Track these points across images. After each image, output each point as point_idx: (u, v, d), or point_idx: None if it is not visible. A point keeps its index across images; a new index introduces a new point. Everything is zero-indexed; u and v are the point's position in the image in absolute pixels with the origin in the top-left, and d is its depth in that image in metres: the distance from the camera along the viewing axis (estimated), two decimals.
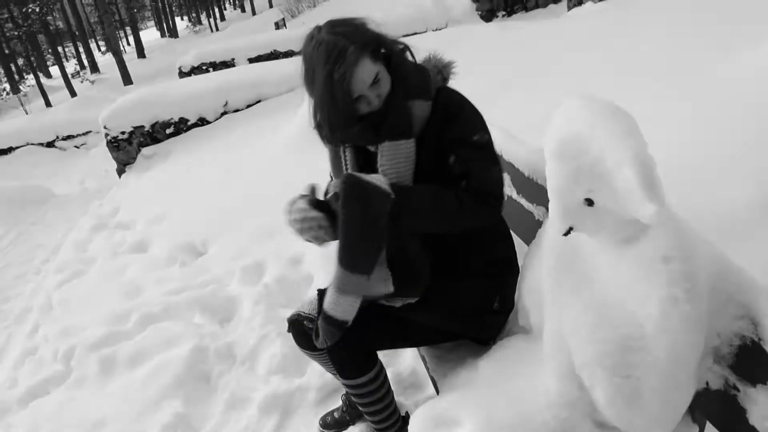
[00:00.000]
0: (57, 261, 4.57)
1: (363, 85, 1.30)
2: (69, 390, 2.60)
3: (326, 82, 1.28)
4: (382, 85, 1.34)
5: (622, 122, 0.92)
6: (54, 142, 11.44)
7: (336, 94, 1.28)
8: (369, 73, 1.30)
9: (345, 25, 1.32)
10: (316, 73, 1.30)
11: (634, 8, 5.40)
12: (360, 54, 1.28)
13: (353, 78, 1.28)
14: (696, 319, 0.96)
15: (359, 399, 1.52)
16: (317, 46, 1.30)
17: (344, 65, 1.26)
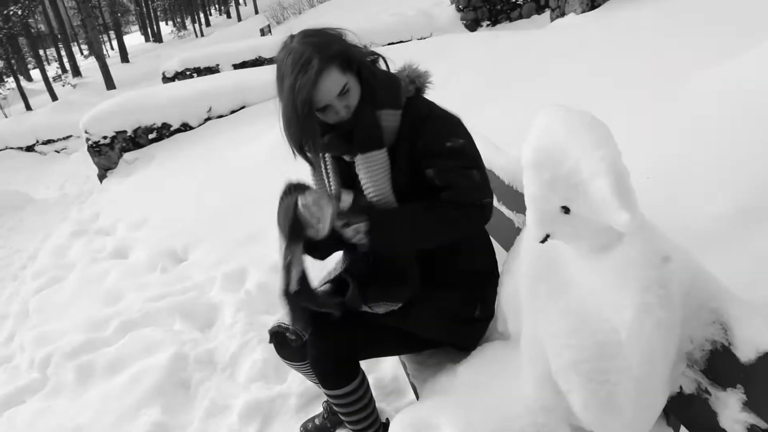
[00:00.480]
0: (35, 267, 4.49)
1: (329, 95, 1.30)
2: (45, 399, 2.56)
3: (289, 90, 1.28)
4: (350, 96, 1.34)
5: (596, 132, 0.95)
6: (34, 146, 11.26)
7: (296, 103, 1.28)
8: (336, 83, 1.30)
9: (316, 36, 1.33)
10: (284, 81, 1.30)
11: (615, 20, 5.50)
12: (325, 65, 1.28)
13: (316, 88, 1.28)
14: (669, 325, 0.98)
15: (342, 409, 1.51)
16: (287, 55, 1.30)
17: (307, 75, 1.26)
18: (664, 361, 1.00)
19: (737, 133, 1.95)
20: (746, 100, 2.06)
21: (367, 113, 1.35)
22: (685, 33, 3.91)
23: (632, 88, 3.11)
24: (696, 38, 3.67)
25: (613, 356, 0.99)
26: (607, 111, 1.17)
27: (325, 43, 1.31)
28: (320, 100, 1.30)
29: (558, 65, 4.34)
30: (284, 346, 1.61)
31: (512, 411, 1.13)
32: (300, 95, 1.27)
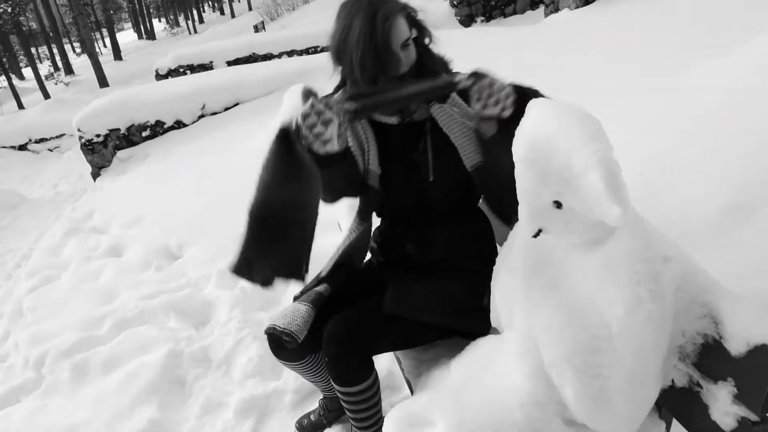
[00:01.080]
0: (28, 266, 4.47)
1: (398, 39, 1.30)
2: (40, 398, 2.55)
3: (367, 26, 1.27)
4: (410, 51, 1.35)
5: (588, 127, 0.95)
6: (26, 145, 11.20)
7: (376, 38, 1.27)
8: (404, 30, 1.31)
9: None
10: (353, 23, 1.28)
11: (609, 15, 5.51)
12: (399, 11, 1.30)
13: (393, 27, 1.28)
14: (660, 318, 0.99)
15: (353, 406, 1.49)
16: (357, 1, 1.30)
17: (386, 10, 1.27)
18: (656, 354, 1.01)
19: (730, 128, 1.96)
20: (739, 96, 2.07)
21: (435, 70, 1.38)
22: (679, 29, 3.92)
23: (625, 84, 3.12)
24: (689, 34, 3.69)
25: (605, 350, 1.00)
26: (600, 106, 1.17)
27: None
28: (393, 40, 1.29)
29: (552, 60, 4.35)
30: (281, 348, 1.59)
31: (505, 405, 1.13)
32: (378, 29, 1.26)
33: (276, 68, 7.54)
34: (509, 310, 1.22)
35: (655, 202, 1.72)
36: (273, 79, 7.14)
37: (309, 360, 1.64)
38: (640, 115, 2.45)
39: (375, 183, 1.49)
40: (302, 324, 1.49)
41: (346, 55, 1.32)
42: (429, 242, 1.51)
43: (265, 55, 10.22)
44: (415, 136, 1.45)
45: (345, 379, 1.45)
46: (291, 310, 1.52)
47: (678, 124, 2.19)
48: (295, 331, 1.49)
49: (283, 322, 1.51)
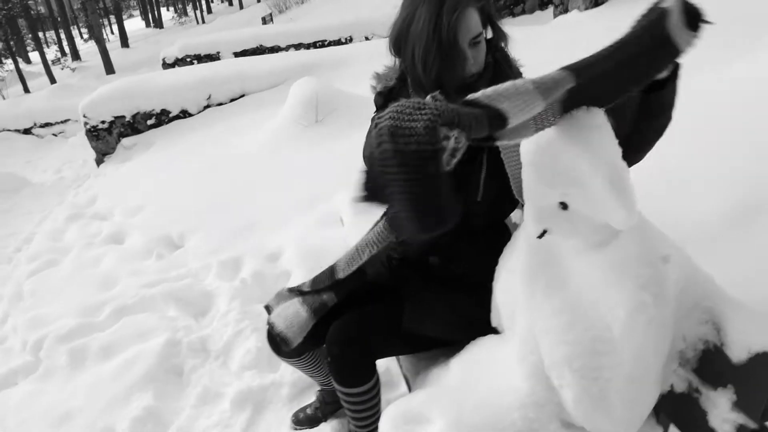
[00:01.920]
0: (30, 250, 4.47)
1: (467, 35, 1.18)
2: (37, 381, 2.56)
3: (432, 18, 1.15)
4: (480, 50, 1.23)
5: (596, 129, 0.94)
6: (31, 129, 11.22)
7: (442, 32, 1.15)
8: (475, 26, 1.19)
9: None
10: (418, 11, 1.17)
11: (619, 17, 5.48)
12: (473, 2, 1.18)
13: (463, 20, 1.16)
14: (662, 323, 0.98)
15: (354, 406, 1.48)
16: None
17: (455, 3, 1.15)
18: (656, 358, 1.00)
19: (735, 132, 1.95)
20: (745, 99, 2.05)
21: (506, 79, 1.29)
22: None
23: None
24: None
25: (606, 352, 0.99)
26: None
27: None
28: (460, 36, 1.18)
29: (560, 61, 4.33)
30: (279, 345, 1.57)
31: (504, 405, 1.13)
32: (445, 22, 1.14)
33: (283, 61, 7.53)
34: (510, 311, 1.22)
35: (658, 205, 1.71)
36: (280, 71, 7.14)
37: (307, 356, 1.64)
38: None
39: None
40: (298, 331, 1.49)
41: (408, 47, 1.22)
42: (454, 256, 1.44)
43: (272, 47, 10.20)
44: (473, 150, 1.35)
45: (347, 380, 1.43)
46: (292, 313, 1.50)
47: (684, 126, 2.18)
48: (291, 337, 1.50)
49: (282, 324, 1.51)
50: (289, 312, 1.51)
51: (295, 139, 4.78)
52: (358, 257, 1.47)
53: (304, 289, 1.54)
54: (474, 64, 1.23)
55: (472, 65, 1.22)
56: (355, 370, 1.44)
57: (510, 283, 1.24)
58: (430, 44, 1.17)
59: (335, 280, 1.49)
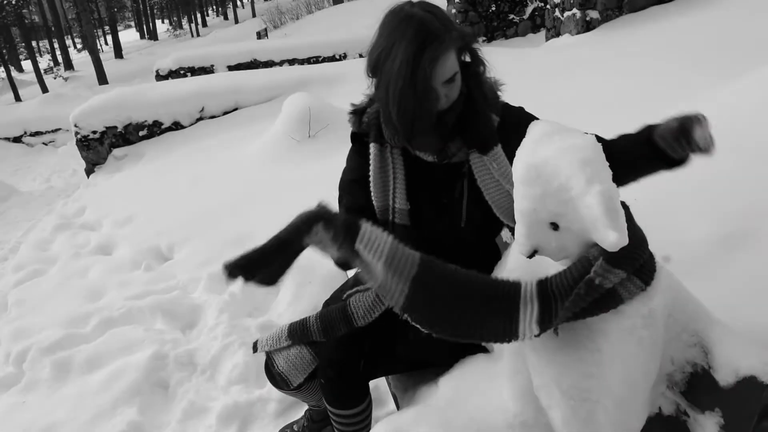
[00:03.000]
0: (16, 259, 4.42)
1: (442, 78, 1.19)
2: (20, 394, 2.51)
3: (409, 61, 1.15)
4: (454, 87, 1.24)
5: (587, 150, 0.96)
6: (21, 137, 11.14)
7: (417, 77, 1.15)
8: (451, 67, 1.20)
9: (440, 10, 1.21)
10: (396, 47, 1.16)
11: (610, 42, 5.58)
12: (450, 45, 1.18)
13: (440, 65, 1.17)
14: (651, 344, 0.99)
15: (345, 428, 1.46)
16: (407, 20, 1.17)
17: (436, 48, 1.15)
18: (645, 381, 1.01)
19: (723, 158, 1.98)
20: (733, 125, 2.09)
21: (483, 111, 1.28)
22: (679, 57, 3.97)
23: (623, 110, 3.15)
24: (690, 63, 3.74)
25: (594, 374, 1.00)
26: (598, 131, 1.18)
27: (450, 20, 1.21)
28: (434, 79, 1.18)
29: (551, 84, 4.39)
30: (272, 374, 1.55)
31: (492, 425, 1.13)
32: (423, 69, 1.15)
33: (277, 76, 7.56)
34: None
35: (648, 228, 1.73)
36: (274, 86, 7.16)
37: (305, 388, 1.59)
38: None
39: (405, 220, 1.34)
40: (300, 373, 1.48)
41: (382, 82, 1.22)
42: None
43: (266, 61, 10.25)
44: (451, 179, 1.34)
45: (340, 402, 1.42)
46: (295, 354, 1.47)
47: None
48: (292, 378, 1.49)
49: (284, 365, 1.48)
50: (292, 354, 1.47)
51: (287, 153, 4.78)
52: (380, 303, 1.38)
53: (316, 339, 1.44)
54: (445, 101, 1.24)
55: (443, 102, 1.23)
56: (349, 392, 1.42)
57: None
58: (405, 88, 1.17)
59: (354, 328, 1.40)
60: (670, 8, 6.20)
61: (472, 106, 1.28)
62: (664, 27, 5.38)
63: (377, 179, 1.34)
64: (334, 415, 1.45)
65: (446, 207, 1.35)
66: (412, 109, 1.19)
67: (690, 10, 5.67)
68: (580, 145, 0.97)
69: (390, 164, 1.34)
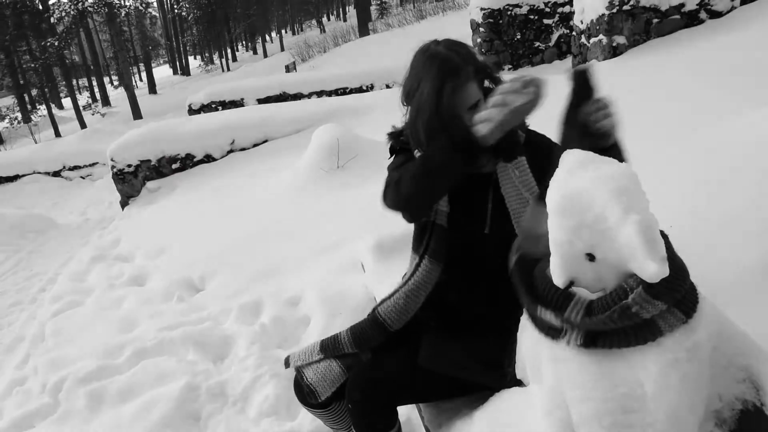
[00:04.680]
0: (53, 290, 4.53)
1: (464, 105, 1.33)
2: (54, 425, 2.54)
3: (433, 92, 1.31)
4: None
5: (623, 179, 0.94)
6: (60, 171, 11.53)
7: (441, 104, 1.31)
8: (473, 95, 1.34)
9: (462, 47, 1.37)
10: (423, 82, 1.33)
11: (638, 68, 5.54)
12: (470, 76, 1.33)
13: (461, 95, 1.32)
14: (696, 379, 0.95)
15: None
16: (432, 58, 1.34)
17: (456, 81, 1.30)
18: (691, 417, 0.96)
19: (764, 184, 1.92)
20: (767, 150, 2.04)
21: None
22: (708, 82, 3.92)
23: (655, 137, 3.11)
24: (718, 87, 3.68)
25: (637, 410, 0.96)
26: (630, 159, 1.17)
27: (470, 55, 1.36)
28: (458, 106, 1.33)
29: None
30: (304, 394, 1.56)
31: None
32: (447, 97, 1.30)
33: (305, 108, 7.71)
34: (536, 363, 1.19)
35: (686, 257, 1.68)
36: (302, 118, 7.30)
37: (333, 408, 1.59)
38: (669, 168, 2.43)
39: (443, 221, 1.45)
40: (329, 385, 1.48)
41: (413, 113, 1.38)
42: (473, 295, 1.46)
43: (295, 94, 10.46)
44: (482, 187, 1.45)
45: (368, 427, 1.41)
46: (324, 367, 1.49)
47: (709, 178, 2.17)
48: (320, 391, 1.49)
49: (313, 377, 1.49)
50: (321, 367, 1.50)
51: (316, 184, 4.84)
52: (412, 303, 1.47)
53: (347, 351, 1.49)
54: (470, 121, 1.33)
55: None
56: (377, 416, 1.42)
57: (535, 333, 1.22)
58: (432, 119, 1.33)
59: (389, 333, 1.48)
60: (697, 32, 6.15)
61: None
62: (691, 51, 5.32)
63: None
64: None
65: (475, 214, 1.44)
66: (435, 123, 1.33)
67: (717, 34, 5.61)
68: (615, 173, 0.95)
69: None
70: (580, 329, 1.02)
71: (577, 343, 1.02)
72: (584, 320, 0.99)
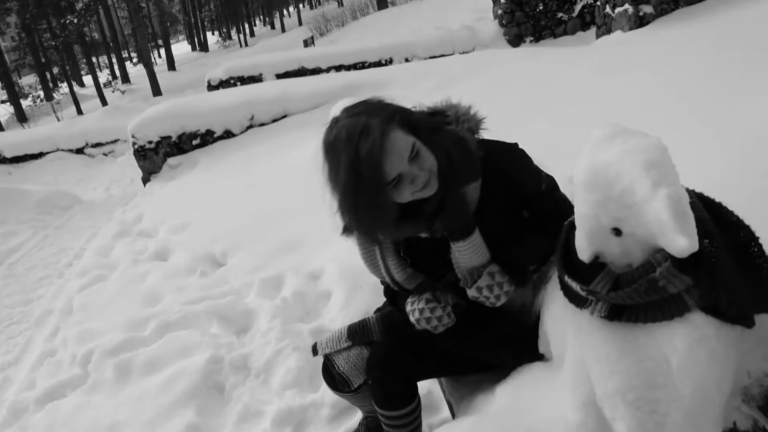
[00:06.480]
0: (80, 265, 4.63)
1: (400, 160, 1.13)
2: (85, 394, 2.62)
3: (351, 167, 1.10)
4: (424, 159, 1.16)
5: (653, 152, 0.92)
6: (83, 148, 11.68)
7: (363, 179, 1.10)
8: (404, 143, 1.13)
9: (362, 105, 1.19)
10: (340, 160, 1.13)
11: (665, 38, 5.38)
12: (387, 125, 1.12)
13: (385, 151, 1.10)
14: (724, 356, 0.94)
15: (395, 430, 1.46)
16: (337, 133, 1.15)
17: (370, 140, 1.09)
18: (718, 394, 0.96)
19: None
20: None
21: (453, 193, 1.22)
22: (740, 53, 3.79)
23: (679, 110, 3.03)
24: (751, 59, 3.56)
25: (662, 385, 0.95)
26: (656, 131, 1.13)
27: (378, 107, 1.18)
28: (391, 168, 1.12)
29: (604, 83, 4.27)
30: (333, 377, 1.57)
31: None
32: (367, 167, 1.09)
33: (324, 82, 7.66)
34: (560, 337, 1.18)
35: None
36: (321, 93, 7.26)
37: (363, 389, 1.58)
38: (694, 142, 2.36)
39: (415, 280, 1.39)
40: (361, 373, 1.49)
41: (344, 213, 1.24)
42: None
43: (313, 69, 10.41)
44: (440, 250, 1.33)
45: (388, 402, 1.42)
46: (355, 356, 1.50)
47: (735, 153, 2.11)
48: (353, 379, 1.50)
49: (345, 365, 1.50)
50: (352, 353, 1.50)
51: None
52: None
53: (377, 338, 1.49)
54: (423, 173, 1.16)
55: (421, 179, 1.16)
56: (396, 391, 1.42)
57: (559, 311, 1.21)
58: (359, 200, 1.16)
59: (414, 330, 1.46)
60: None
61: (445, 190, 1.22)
62: (723, 20, 5.14)
63: (367, 263, 1.43)
64: (383, 417, 1.45)
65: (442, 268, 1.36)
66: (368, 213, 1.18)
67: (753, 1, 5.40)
68: (644, 146, 0.93)
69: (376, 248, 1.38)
70: (606, 302, 1.01)
71: (601, 315, 1.01)
72: (611, 294, 0.98)
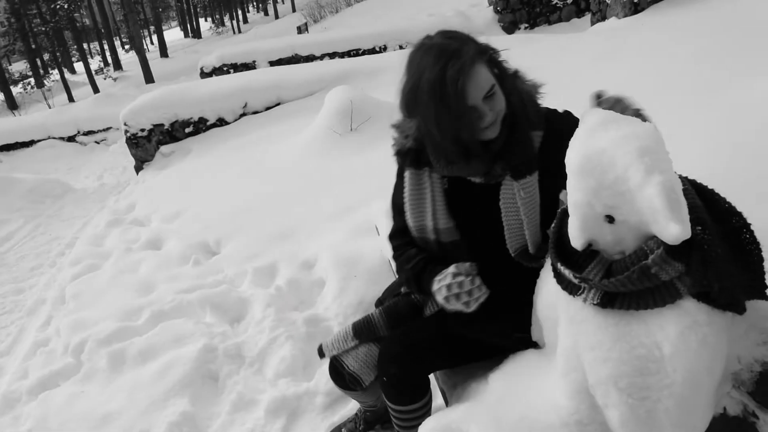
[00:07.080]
0: (72, 254, 4.60)
1: (478, 93, 1.15)
2: (78, 383, 2.62)
3: (436, 83, 1.13)
4: (497, 101, 1.19)
5: (646, 139, 0.91)
6: (75, 136, 11.58)
7: (448, 96, 1.13)
8: (486, 80, 1.16)
9: (458, 33, 1.21)
10: (423, 79, 1.15)
11: (659, 24, 5.36)
12: (476, 57, 1.15)
13: (469, 79, 1.13)
14: (715, 342, 0.94)
15: (407, 423, 1.45)
16: (427, 50, 1.17)
17: (459, 63, 1.12)
18: (709, 380, 0.96)
19: None
20: None
21: (522, 133, 1.24)
22: (735, 39, 3.78)
23: (675, 96, 3.02)
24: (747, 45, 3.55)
25: (654, 372, 0.96)
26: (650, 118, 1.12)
27: (470, 38, 1.20)
28: (470, 96, 1.15)
29: (598, 70, 4.25)
30: (340, 376, 1.55)
31: (545, 423, 1.10)
32: (452, 86, 1.12)
33: (318, 70, 7.60)
34: (552, 325, 1.18)
35: None
36: (315, 80, 7.21)
37: (370, 386, 1.56)
38: (690, 128, 2.36)
39: (454, 236, 1.35)
40: (372, 371, 1.47)
41: (419, 115, 1.21)
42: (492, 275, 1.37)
43: (307, 56, 10.33)
44: (488, 199, 1.31)
45: (404, 398, 1.41)
46: (365, 354, 1.48)
47: (733, 140, 2.11)
48: (365, 378, 1.48)
49: (355, 364, 1.48)
50: (361, 351, 1.49)
51: (329, 147, 4.80)
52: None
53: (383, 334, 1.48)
54: (491, 116, 1.19)
55: (488, 118, 1.19)
56: (412, 386, 1.41)
57: (552, 297, 1.21)
58: (439, 111, 1.15)
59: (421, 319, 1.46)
60: None
61: (514, 131, 1.25)
62: (717, 6, 5.13)
63: (413, 203, 1.37)
64: (396, 411, 1.43)
65: (482, 224, 1.33)
66: (452, 129, 1.18)
67: None
68: (638, 133, 0.93)
69: (428, 187, 1.35)
70: (598, 289, 1.01)
71: (594, 302, 1.01)
72: (603, 281, 0.98)
